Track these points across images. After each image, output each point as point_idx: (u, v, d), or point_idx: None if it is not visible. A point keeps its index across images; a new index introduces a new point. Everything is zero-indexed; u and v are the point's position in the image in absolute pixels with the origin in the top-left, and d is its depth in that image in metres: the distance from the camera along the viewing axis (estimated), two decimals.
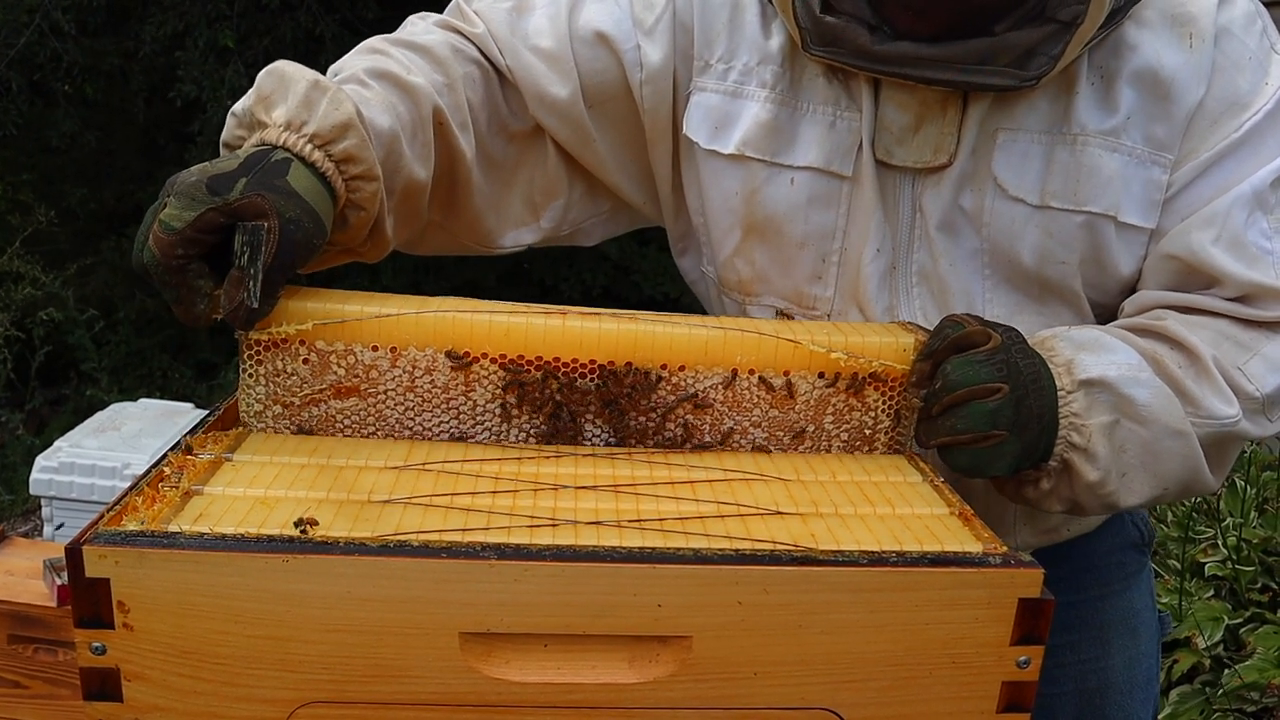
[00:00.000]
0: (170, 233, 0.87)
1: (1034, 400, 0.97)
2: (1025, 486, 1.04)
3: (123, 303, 5.38)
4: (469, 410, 0.99)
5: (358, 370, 0.96)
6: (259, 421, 0.98)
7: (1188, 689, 2.44)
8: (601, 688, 0.80)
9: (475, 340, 0.97)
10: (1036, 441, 0.98)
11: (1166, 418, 1.01)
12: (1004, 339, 0.98)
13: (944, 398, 0.97)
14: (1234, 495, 2.94)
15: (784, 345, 1.00)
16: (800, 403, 1.01)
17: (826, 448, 1.03)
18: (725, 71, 1.15)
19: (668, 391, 1.00)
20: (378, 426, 0.99)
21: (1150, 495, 1.03)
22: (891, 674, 0.81)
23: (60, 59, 4.87)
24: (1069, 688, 1.31)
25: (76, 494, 2.90)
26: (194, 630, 0.76)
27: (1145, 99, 1.08)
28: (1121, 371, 1.01)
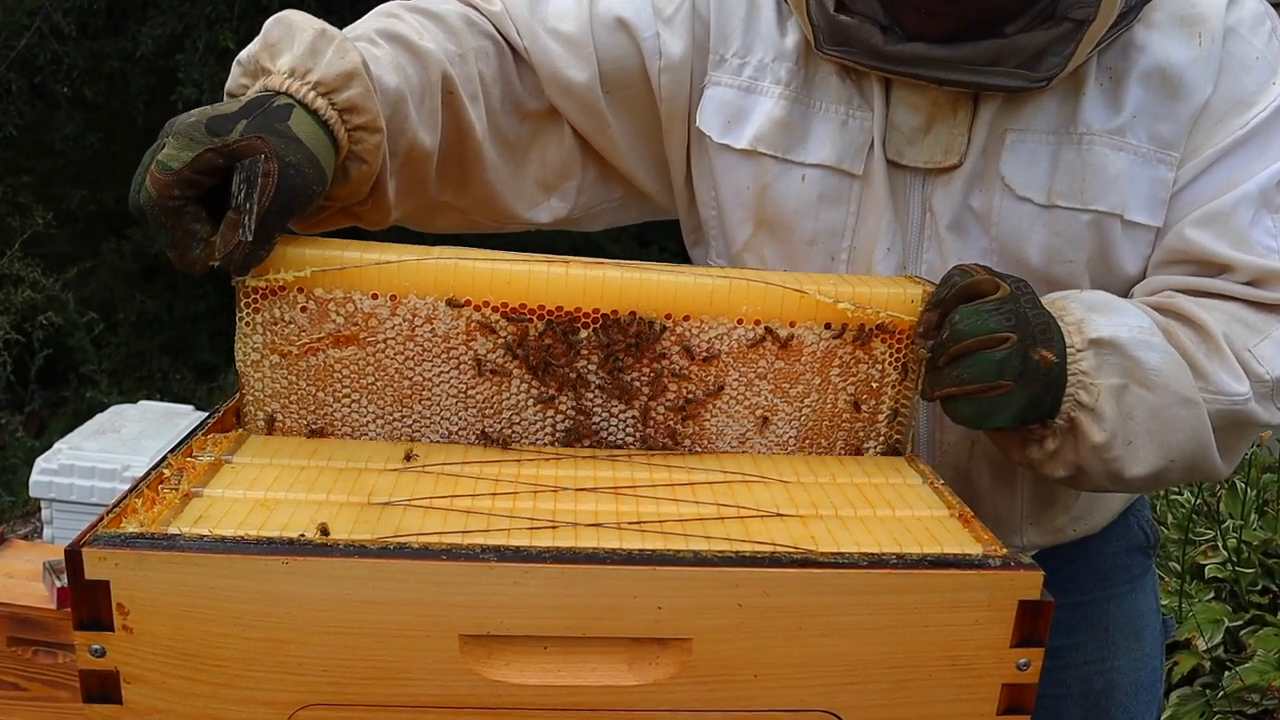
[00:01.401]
0: (167, 173, 0.86)
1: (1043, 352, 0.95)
2: (1030, 446, 1.02)
3: (123, 305, 5.38)
4: (470, 361, 0.97)
5: (357, 318, 0.95)
6: (256, 371, 0.97)
7: (1188, 691, 2.44)
8: (601, 690, 0.79)
9: (476, 288, 0.95)
10: (1043, 395, 0.96)
11: (1176, 384, 0.99)
12: (1013, 289, 0.97)
13: (951, 348, 0.95)
14: (1234, 497, 2.94)
15: (790, 295, 0.98)
16: (806, 354, 1.00)
17: (833, 401, 1.02)
18: (740, 67, 1.16)
19: (672, 342, 0.98)
20: (377, 376, 0.97)
21: (1156, 466, 1.01)
22: (891, 676, 0.81)
23: (61, 61, 4.88)
24: (1074, 689, 1.31)
25: (76, 496, 2.90)
26: (194, 632, 0.76)
27: (1152, 97, 1.09)
28: (1133, 334, 0.99)
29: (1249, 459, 3.16)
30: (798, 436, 1.03)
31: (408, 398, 0.98)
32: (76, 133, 5.14)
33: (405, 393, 0.98)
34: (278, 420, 0.98)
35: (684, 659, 0.79)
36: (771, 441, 1.02)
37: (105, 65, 5.09)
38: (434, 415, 0.99)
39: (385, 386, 0.98)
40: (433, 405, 0.98)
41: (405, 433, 0.99)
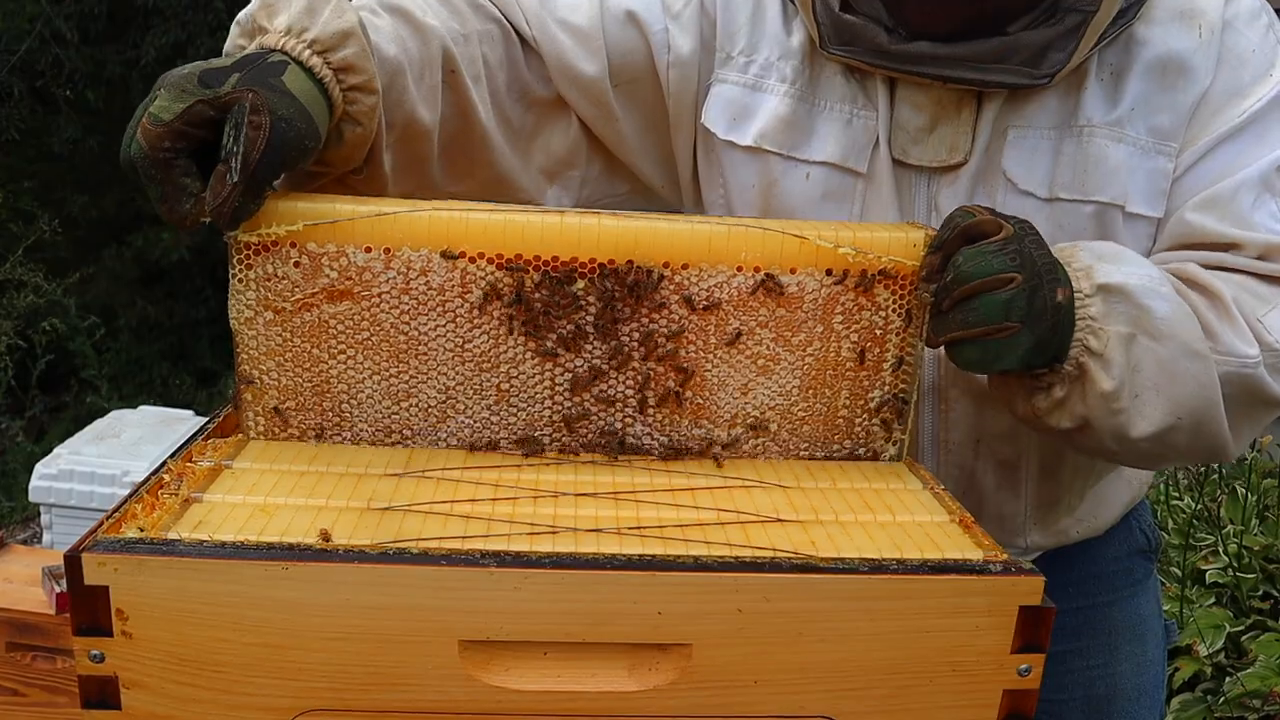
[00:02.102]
0: (158, 124, 0.86)
1: (1048, 292, 0.94)
2: (1036, 395, 1.00)
3: (123, 310, 5.39)
4: (465, 313, 0.96)
5: (350, 272, 0.94)
6: (249, 329, 0.96)
7: (1189, 697, 2.43)
8: (601, 696, 0.79)
9: (471, 239, 0.94)
10: (1049, 337, 0.94)
11: (1185, 335, 0.97)
12: (1016, 229, 0.95)
13: (955, 291, 0.93)
14: (1235, 503, 2.94)
15: (790, 242, 0.97)
16: (808, 302, 0.98)
17: (836, 350, 1.00)
18: (746, 65, 1.16)
19: (671, 291, 0.97)
20: (372, 331, 0.96)
21: (1162, 424, 0.98)
22: (892, 682, 0.80)
23: (62, 65, 4.88)
24: (1077, 694, 1.31)
25: (76, 501, 2.90)
26: (193, 638, 0.76)
27: (1152, 89, 1.10)
28: (1142, 281, 0.97)
29: (1249, 464, 3.16)
30: (800, 386, 1.01)
31: (404, 352, 0.97)
32: (77, 137, 5.14)
33: (401, 347, 0.96)
34: (273, 378, 0.97)
35: (684, 664, 0.79)
36: (774, 391, 1.00)
37: (106, 70, 5.10)
38: (430, 370, 0.97)
39: (381, 342, 0.96)
40: (429, 360, 0.97)
41: (402, 388, 0.98)
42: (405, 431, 0.99)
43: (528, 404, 0.99)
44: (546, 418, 0.99)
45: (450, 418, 0.99)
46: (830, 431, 1.03)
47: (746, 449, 1.02)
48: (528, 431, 0.99)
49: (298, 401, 0.98)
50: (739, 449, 1.02)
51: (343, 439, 0.99)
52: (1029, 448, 1.19)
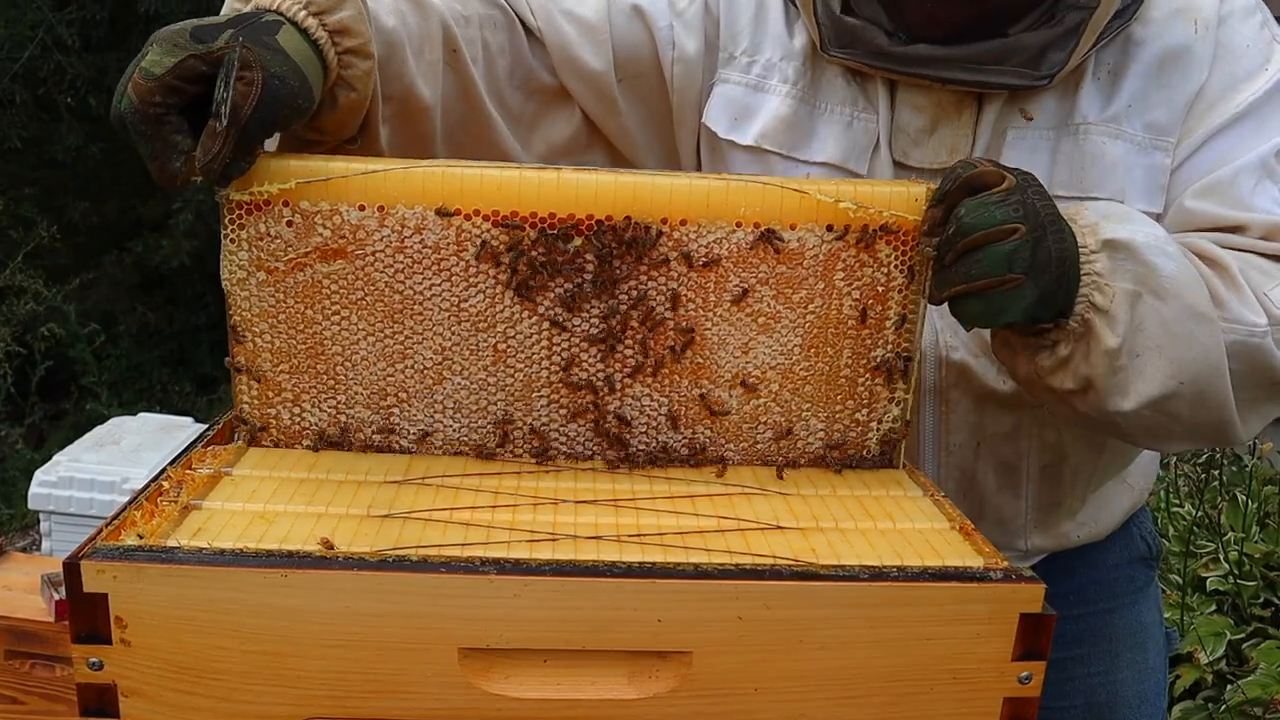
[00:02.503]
0: (149, 79, 0.85)
1: (1052, 243, 0.92)
2: (1040, 354, 0.98)
3: (123, 317, 5.39)
4: (461, 271, 0.95)
5: (344, 231, 0.93)
6: (242, 290, 0.95)
7: (1190, 704, 2.43)
8: (601, 703, 0.79)
9: (466, 196, 0.93)
10: (1054, 289, 0.93)
11: (1190, 296, 0.96)
12: (1019, 180, 0.93)
13: (958, 243, 0.92)
14: (1235, 510, 2.93)
15: (790, 196, 0.95)
16: (809, 258, 0.97)
17: (837, 307, 0.99)
18: (749, 65, 1.17)
19: (669, 247, 0.95)
20: (366, 291, 0.95)
21: (1163, 387, 0.96)
22: (892, 690, 0.80)
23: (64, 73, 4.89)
24: (1078, 701, 1.31)
25: (75, 509, 2.89)
26: (192, 645, 0.75)
27: (1149, 86, 1.10)
28: (1148, 239, 0.95)
29: (1250, 470, 3.16)
30: (802, 345, 0.99)
31: (399, 312, 0.95)
32: (79, 144, 5.15)
33: (396, 307, 0.95)
34: (265, 340, 0.96)
35: (684, 672, 0.79)
36: (775, 350, 0.99)
37: (108, 78, 5.11)
38: (426, 331, 0.96)
39: (375, 301, 0.95)
40: (425, 320, 0.96)
41: (397, 350, 0.96)
42: (400, 394, 0.98)
43: (525, 364, 0.97)
44: (544, 378, 0.98)
45: (446, 379, 0.97)
46: (832, 391, 1.01)
47: (748, 409, 1.00)
48: (525, 393, 0.98)
49: (291, 364, 0.97)
50: (740, 410, 1.00)
51: (337, 403, 0.98)
52: (1030, 450, 1.19)
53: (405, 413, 0.98)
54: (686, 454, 1.01)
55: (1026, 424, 1.18)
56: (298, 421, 0.99)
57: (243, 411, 0.99)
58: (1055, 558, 1.27)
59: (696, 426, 1.00)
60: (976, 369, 1.15)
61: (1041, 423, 1.19)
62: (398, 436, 0.99)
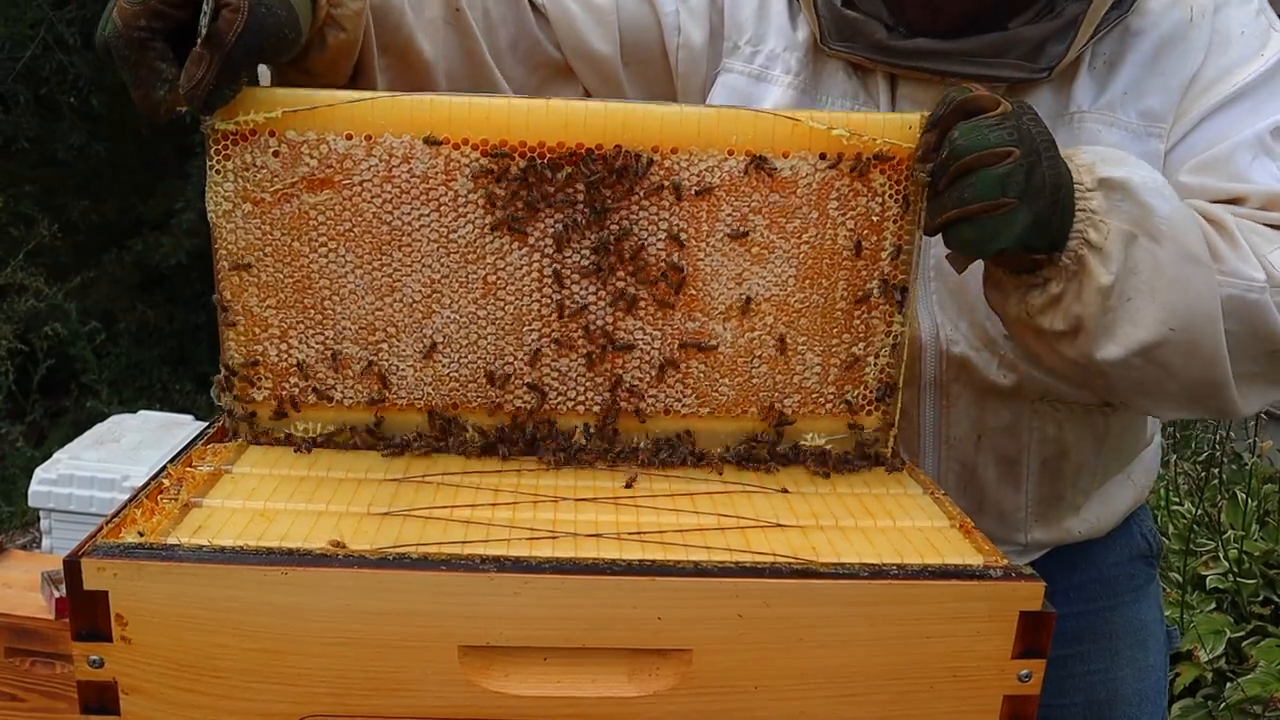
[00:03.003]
0: (134, 3, 0.84)
1: (1047, 169, 0.90)
2: (1031, 292, 0.96)
3: (123, 315, 5.39)
4: (450, 201, 0.93)
5: (331, 160, 0.92)
6: (227, 222, 0.94)
7: (1190, 702, 2.43)
8: (601, 701, 0.79)
9: (454, 125, 0.92)
10: (1048, 215, 0.91)
11: (1185, 238, 0.94)
12: (1015, 106, 0.92)
13: (951, 166, 0.90)
14: (1235, 508, 2.93)
15: (782, 124, 0.94)
16: (802, 187, 0.95)
17: (832, 237, 0.97)
18: (752, 55, 1.18)
19: (661, 177, 0.94)
20: (354, 222, 0.94)
21: (1154, 333, 0.94)
22: (892, 687, 0.80)
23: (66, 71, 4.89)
24: (1078, 699, 1.31)
25: (75, 506, 2.89)
26: (192, 643, 0.75)
27: (1145, 74, 1.11)
28: (1144, 179, 0.94)
29: (1250, 469, 3.16)
30: (797, 276, 0.98)
31: (387, 244, 0.94)
32: (82, 143, 5.15)
33: (384, 239, 0.94)
34: (252, 274, 0.95)
35: (684, 670, 0.79)
36: (770, 281, 0.98)
37: (108, 76, 5.11)
38: (415, 262, 0.95)
39: (363, 233, 0.94)
40: (413, 251, 0.95)
41: (385, 283, 0.95)
42: (389, 329, 0.97)
43: (515, 297, 0.96)
44: (535, 311, 0.97)
45: (436, 313, 0.96)
46: (828, 324, 1.00)
47: (743, 343, 0.99)
48: (516, 327, 0.97)
49: (278, 299, 0.96)
50: (735, 344, 0.99)
51: (325, 338, 0.97)
52: (1030, 443, 1.19)
53: (394, 348, 0.97)
54: (681, 392, 0.99)
55: (1027, 418, 1.18)
56: (285, 358, 0.97)
57: (229, 351, 0.97)
58: (1055, 554, 1.27)
59: (691, 360, 0.99)
60: (977, 362, 1.15)
61: (1042, 416, 1.19)
62: (386, 372, 0.98)
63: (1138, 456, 1.31)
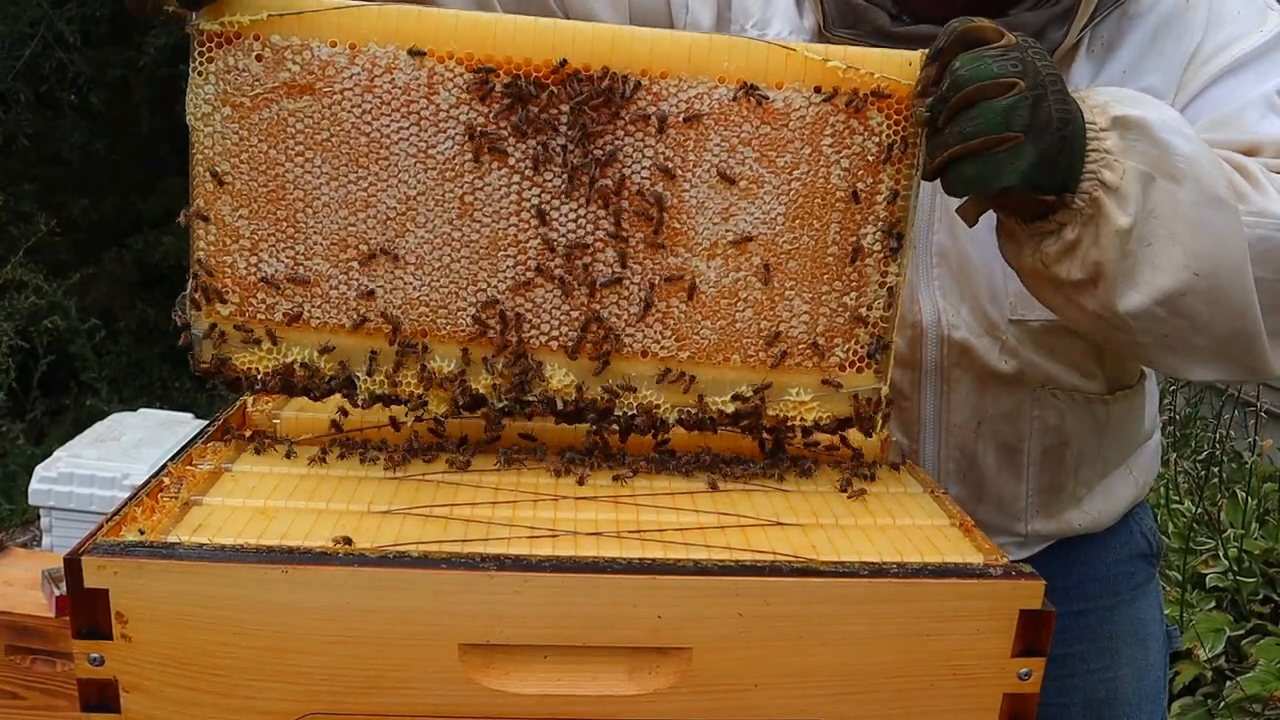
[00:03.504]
0: None
1: (1054, 102, 0.86)
2: (1046, 240, 0.92)
3: (123, 313, 5.39)
4: (431, 116, 0.91)
5: (313, 67, 0.90)
6: (206, 125, 0.92)
7: (1190, 701, 2.43)
8: (601, 699, 0.79)
9: (440, 38, 0.90)
10: (1055, 152, 0.87)
11: (1207, 179, 0.89)
12: (1020, 39, 0.88)
13: (951, 99, 0.86)
14: (1235, 506, 2.93)
15: (776, 53, 0.91)
16: (794, 120, 0.92)
17: (825, 176, 0.93)
18: (759, 38, 1.17)
19: (648, 101, 0.91)
20: (332, 131, 0.91)
21: (1176, 277, 0.89)
22: (892, 686, 0.80)
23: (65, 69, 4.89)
24: (1078, 699, 1.31)
25: (75, 504, 2.89)
26: (193, 641, 0.76)
27: (1144, 54, 1.11)
28: (1162, 117, 0.90)
29: (1250, 467, 3.16)
30: (786, 214, 0.94)
31: (364, 156, 0.92)
32: (83, 141, 5.15)
33: (362, 150, 0.92)
34: (227, 181, 0.93)
35: (684, 668, 0.79)
36: (758, 218, 0.94)
37: (109, 74, 5.11)
38: (391, 176, 0.92)
39: (341, 143, 0.91)
40: (390, 165, 0.92)
41: (360, 196, 0.93)
42: (362, 246, 0.94)
43: (492, 219, 0.93)
44: (511, 237, 0.93)
45: (410, 231, 0.93)
46: (819, 269, 0.95)
47: (727, 284, 0.95)
48: (491, 251, 0.93)
49: (251, 209, 0.93)
50: (719, 283, 0.95)
51: (295, 253, 0.94)
52: (1032, 431, 1.19)
53: (365, 267, 0.94)
54: (660, 333, 0.95)
55: (1028, 405, 1.18)
56: (254, 272, 0.94)
57: (198, 259, 0.95)
58: (1055, 553, 1.27)
59: (672, 298, 0.95)
60: (978, 348, 1.15)
61: (1043, 405, 1.19)
62: (355, 292, 0.94)
63: (1138, 449, 1.31)
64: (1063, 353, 1.17)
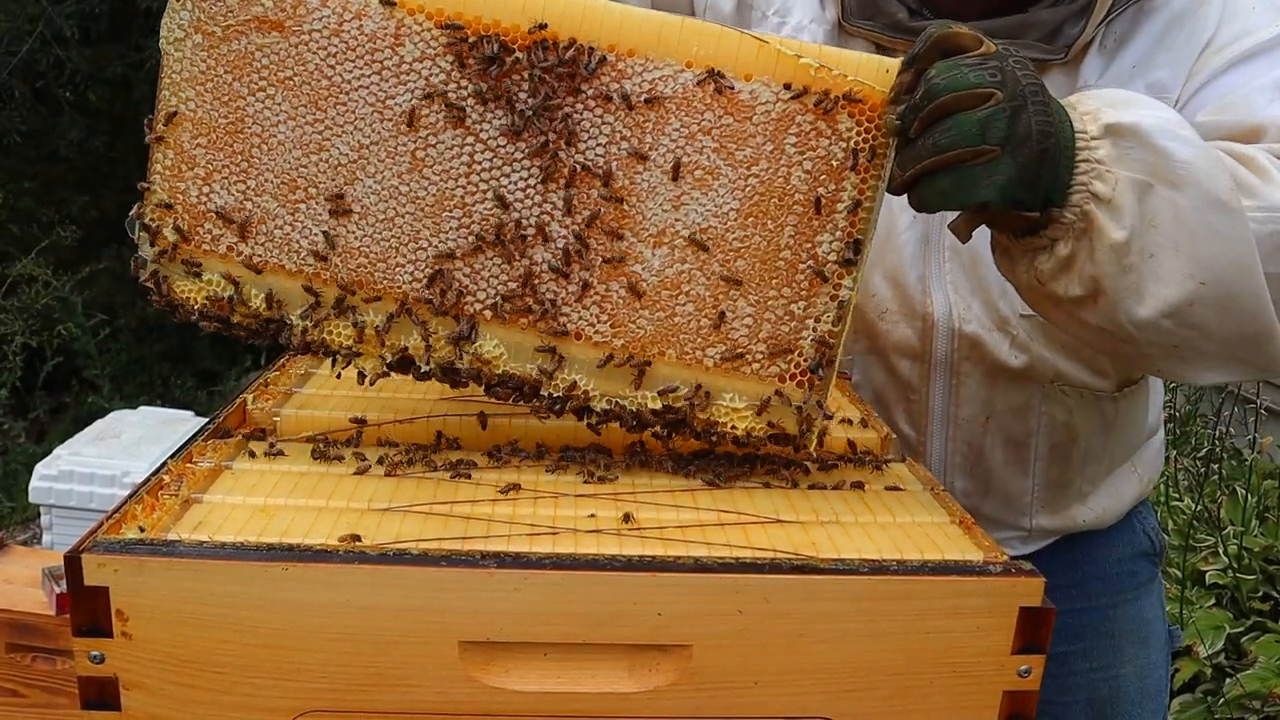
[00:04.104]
0: None
1: (1034, 114, 0.83)
2: (1039, 256, 0.90)
3: (124, 311, 5.39)
4: (393, 67, 0.91)
5: (285, 4, 0.91)
6: (176, 50, 0.94)
7: (1189, 698, 2.43)
8: (601, 697, 0.79)
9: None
10: (1036, 168, 0.84)
11: (1209, 183, 0.86)
12: (1000, 47, 0.85)
13: (925, 108, 0.83)
14: (1235, 504, 2.94)
15: (749, 43, 0.89)
16: (759, 114, 0.90)
17: (784, 176, 0.90)
18: (779, 25, 1.18)
19: (611, 78, 0.90)
20: (295, 70, 0.92)
21: (1183, 291, 0.86)
22: (892, 683, 0.80)
23: (63, 66, 4.88)
24: (1080, 697, 1.31)
25: (75, 502, 2.89)
26: (193, 639, 0.76)
27: (1155, 48, 1.11)
28: (1158, 121, 0.86)
29: (1250, 464, 3.16)
30: (740, 210, 0.91)
31: (323, 99, 0.92)
32: (80, 138, 5.14)
33: (321, 93, 0.92)
34: (187, 110, 0.94)
35: (684, 666, 0.79)
36: (709, 210, 0.91)
37: (107, 71, 5.10)
38: (347, 123, 0.92)
39: (303, 83, 0.92)
40: (348, 112, 0.92)
41: (315, 139, 0.93)
42: (310, 189, 0.94)
43: (441, 178, 0.93)
44: (458, 198, 0.93)
45: (359, 180, 0.93)
46: (768, 273, 0.92)
47: (671, 274, 0.93)
48: (436, 210, 0.92)
49: (210, 139, 0.94)
50: (662, 273, 0.93)
51: (246, 187, 0.94)
52: (1039, 427, 1.19)
53: (310, 210, 0.94)
54: (596, 316, 0.93)
55: (1037, 401, 1.18)
56: (204, 201, 0.95)
57: (154, 183, 0.96)
58: (1059, 551, 1.28)
59: (611, 282, 0.93)
60: (989, 342, 1.15)
61: (1052, 400, 1.19)
62: (298, 234, 0.94)
63: (1143, 446, 1.31)
64: (1073, 349, 1.17)
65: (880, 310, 1.19)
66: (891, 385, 1.22)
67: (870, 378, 1.24)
